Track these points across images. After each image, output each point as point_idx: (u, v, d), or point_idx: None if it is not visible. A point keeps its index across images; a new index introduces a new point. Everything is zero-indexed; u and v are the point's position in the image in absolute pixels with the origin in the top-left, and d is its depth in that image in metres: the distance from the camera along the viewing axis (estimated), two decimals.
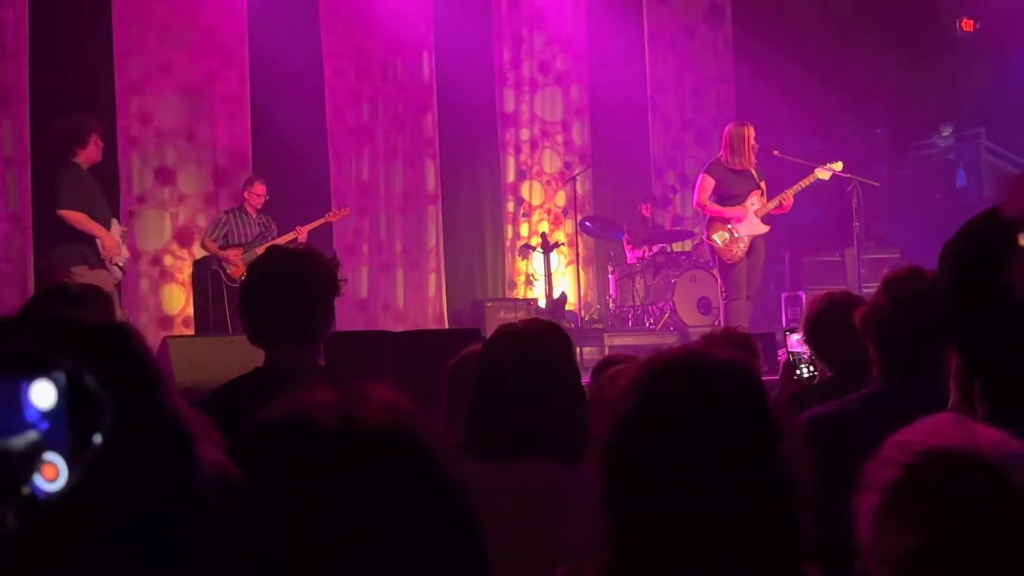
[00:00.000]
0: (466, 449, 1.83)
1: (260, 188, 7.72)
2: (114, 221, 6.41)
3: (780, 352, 4.74)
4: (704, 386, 1.22)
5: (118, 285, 6.55)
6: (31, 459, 0.48)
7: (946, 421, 1.01)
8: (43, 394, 0.50)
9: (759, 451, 1.19)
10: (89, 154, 6.28)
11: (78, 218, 6.11)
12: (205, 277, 7.67)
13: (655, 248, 9.05)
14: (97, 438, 0.50)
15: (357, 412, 0.75)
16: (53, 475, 0.49)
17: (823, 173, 7.49)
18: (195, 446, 0.52)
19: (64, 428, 0.49)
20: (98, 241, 6.15)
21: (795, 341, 3.12)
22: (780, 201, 7.32)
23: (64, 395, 0.50)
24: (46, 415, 0.49)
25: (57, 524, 0.48)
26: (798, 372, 3.11)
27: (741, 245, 7.29)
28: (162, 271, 8.41)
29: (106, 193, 6.60)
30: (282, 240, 7.48)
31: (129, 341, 0.52)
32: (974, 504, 0.89)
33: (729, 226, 7.29)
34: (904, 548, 0.88)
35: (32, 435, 0.49)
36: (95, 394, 0.50)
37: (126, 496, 0.48)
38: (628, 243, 9.29)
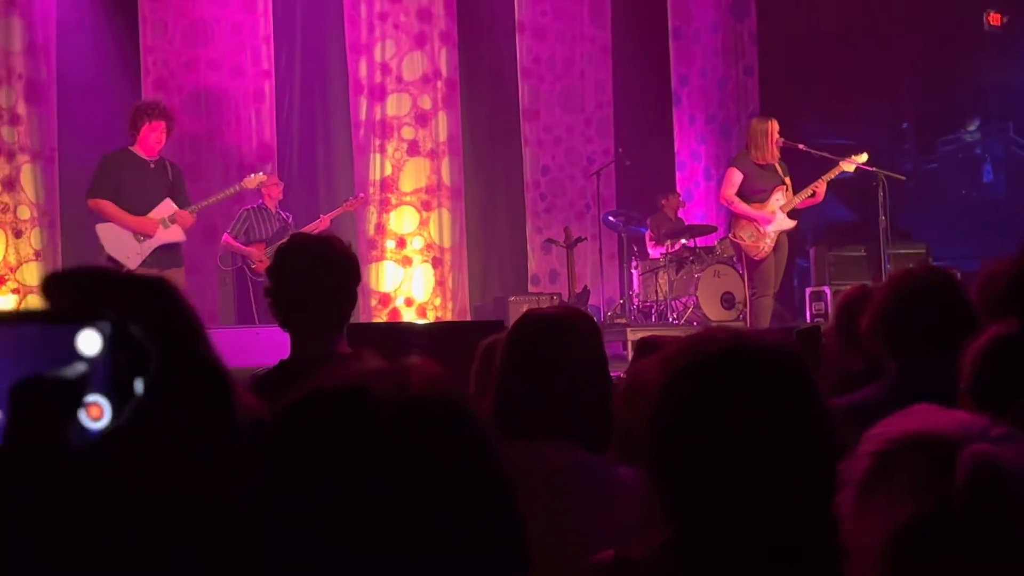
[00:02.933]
0: (493, 427, 1.83)
1: (275, 181, 7.79)
2: (162, 205, 6.24)
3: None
4: (755, 370, 1.22)
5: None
6: (82, 387, 0.53)
7: (919, 410, 1.01)
8: (90, 342, 0.54)
9: (809, 435, 1.19)
10: (146, 143, 6.20)
11: (102, 206, 6.15)
12: (228, 272, 7.75)
13: (678, 243, 9.02)
14: (139, 383, 0.54)
15: (409, 380, 0.77)
16: (98, 415, 0.53)
17: (848, 165, 7.44)
18: (234, 391, 0.56)
19: (108, 373, 0.54)
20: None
21: None
22: (812, 191, 7.28)
23: (109, 343, 0.54)
24: (92, 361, 0.54)
25: (106, 459, 0.51)
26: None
27: (768, 241, 7.25)
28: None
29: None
30: (305, 231, 7.52)
31: (172, 293, 0.56)
32: (936, 484, 0.89)
33: (756, 223, 7.26)
34: (878, 535, 0.88)
35: (80, 366, 0.53)
36: (140, 342, 0.54)
37: (170, 436, 0.52)
38: (651, 238, 9.27)
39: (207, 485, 0.52)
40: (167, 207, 6.26)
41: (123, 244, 6.17)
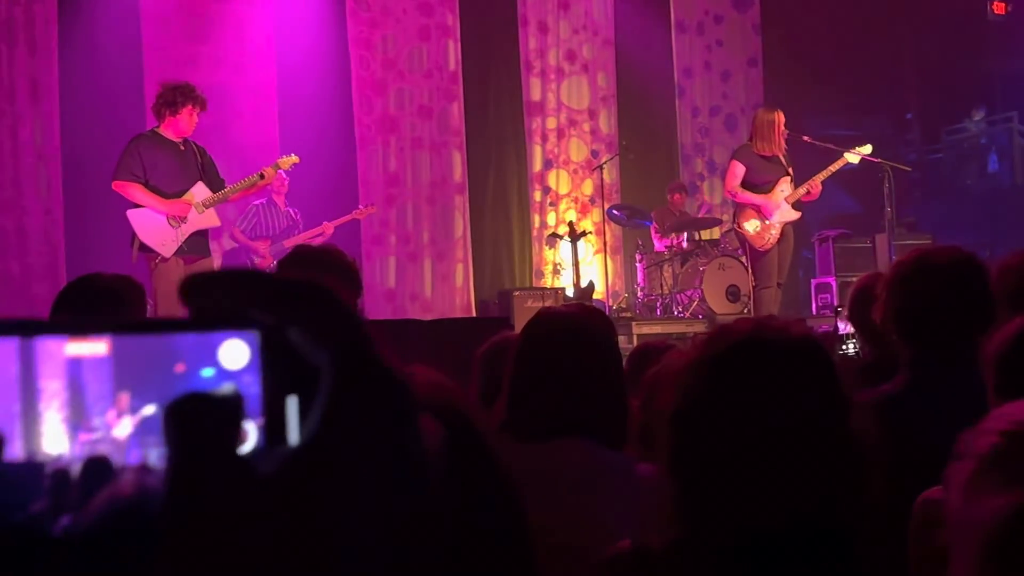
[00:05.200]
0: (505, 430, 1.83)
1: (281, 176, 7.74)
2: (195, 189, 5.97)
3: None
4: (776, 360, 1.20)
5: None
6: (239, 406, 0.46)
7: None
8: (234, 353, 0.47)
9: (831, 426, 1.17)
10: (178, 125, 5.94)
11: (130, 189, 5.84)
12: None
13: (683, 236, 9.00)
14: (292, 402, 0.47)
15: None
16: (242, 439, 0.46)
17: (852, 157, 7.41)
18: (417, 399, 0.48)
19: (255, 390, 0.47)
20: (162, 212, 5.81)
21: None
22: (808, 188, 7.24)
23: (258, 355, 0.47)
24: (236, 376, 0.47)
25: (297, 480, 0.44)
26: (843, 349, 3.08)
27: (773, 232, 7.22)
28: None
29: None
30: (309, 234, 7.51)
31: (333, 294, 0.48)
32: None
33: (760, 214, 7.23)
34: (998, 510, 0.87)
35: (231, 384, 0.47)
36: (298, 353, 0.46)
37: (359, 456, 0.45)
38: (656, 231, 9.25)
39: (401, 515, 0.45)
40: (200, 191, 5.98)
41: (158, 231, 5.82)
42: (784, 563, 1.15)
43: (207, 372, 0.48)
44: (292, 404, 0.47)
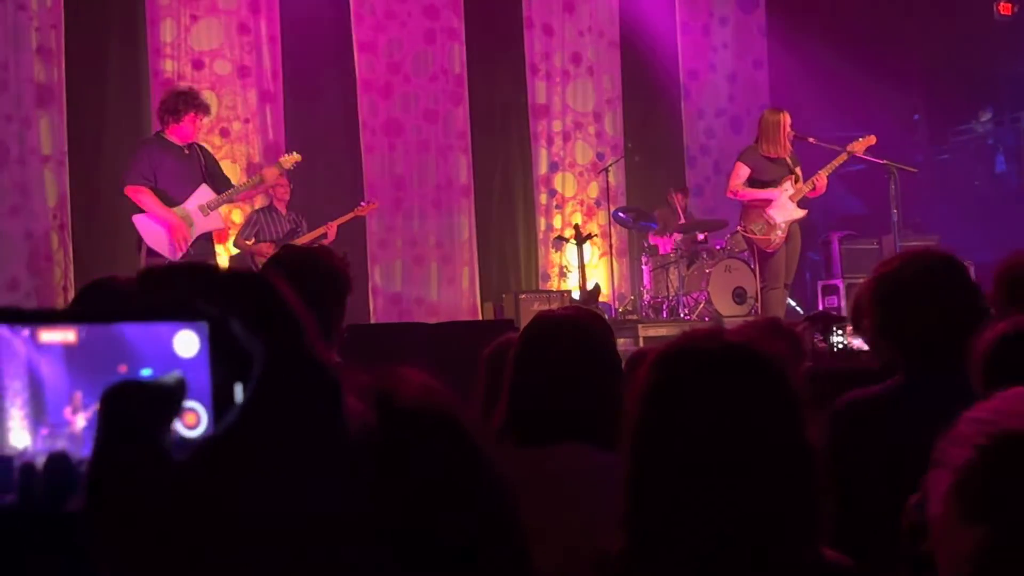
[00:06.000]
0: (505, 435, 1.82)
1: (283, 181, 7.77)
2: (199, 191, 6.10)
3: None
4: (723, 370, 1.23)
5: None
6: (181, 392, 0.49)
7: (1017, 397, 0.98)
8: (187, 343, 0.50)
9: (782, 435, 1.19)
10: (183, 131, 6.07)
11: (141, 194, 5.97)
12: None
13: (689, 238, 8.99)
14: (239, 388, 0.50)
15: (393, 394, 0.73)
16: (194, 422, 0.50)
17: (856, 147, 7.37)
18: (341, 390, 0.51)
19: (205, 377, 0.50)
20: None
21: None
22: (813, 183, 7.23)
23: (207, 345, 0.50)
24: (189, 363, 0.50)
25: (205, 471, 0.47)
26: (831, 341, 3.09)
27: (779, 232, 7.21)
28: None
29: None
30: (311, 236, 7.52)
31: (275, 288, 0.51)
32: None
33: (766, 214, 7.21)
34: (974, 535, 0.86)
35: (177, 373, 0.50)
36: (241, 342, 0.49)
37: (277, 445, 0.48)
38: (662, 233, 9.24)
39: (317, 497, 0.48)
40: (205, 193, 6.09)
41: (164, 236, 5.98)
42: (732, 564, 1.17)
43: (146, 372, 0.51)
44: (239, 391, 0.50)
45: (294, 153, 6.90)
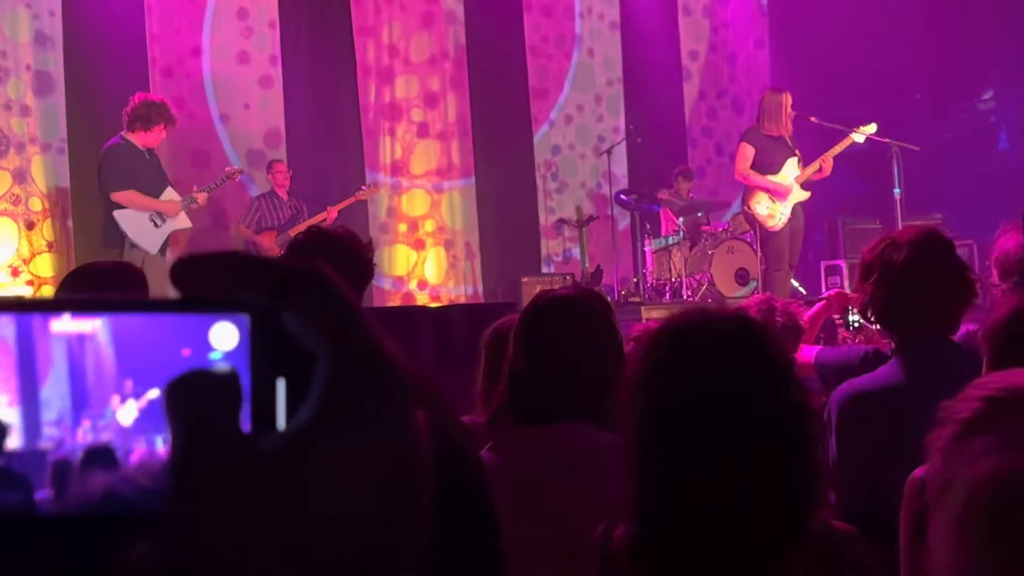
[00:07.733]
0: (507, 414, 1.82)
1: (281, 167, 7.79)
2: (166, 194, 6.44)
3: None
4: (712, 344, 1.25)
5: None
6: (237, 384, 0.45)
7: None
8: (225, 335, 0.47)
9: (768, 404, 1.21)
10: (149, 139, 6.36)
11: (130, 197, 6.20)
12: None
13: (691, 219, 8.97)
14: (281, 383, 0.46)
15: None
16: None
17: (858, 136, 7.36)
18: (409, 383, 0.47)
19: (244, 371, 0.46)
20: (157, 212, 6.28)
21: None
22: (820, 165, 7.20)
23: (247, 337, 0.47)
24: (227, 357, 0.47)
25: (294, 460, 0.44)
26: (848, 319, 3.09)
27: (784, 212, 7.19)
28: None
29: None
30: (312, 222, 7.51)
31: (328, 279, 0.47)
32: None
33: (771, 195, 7.19)
34: (978, 474, 0.86)
35: (224, 363, 0.46)
36: (292, 336, 0.46)
37: (350, 440, 0.44)
38: (664, 215, 9.21)
39: (386, 504, 0.45)
40: (172, 195, 6.41)
41: (142, 230, 6.24)
42: (726, 539, 1.17)
43: (215, 355, 0.47)
44: (281, 387, 0.46)
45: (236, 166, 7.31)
